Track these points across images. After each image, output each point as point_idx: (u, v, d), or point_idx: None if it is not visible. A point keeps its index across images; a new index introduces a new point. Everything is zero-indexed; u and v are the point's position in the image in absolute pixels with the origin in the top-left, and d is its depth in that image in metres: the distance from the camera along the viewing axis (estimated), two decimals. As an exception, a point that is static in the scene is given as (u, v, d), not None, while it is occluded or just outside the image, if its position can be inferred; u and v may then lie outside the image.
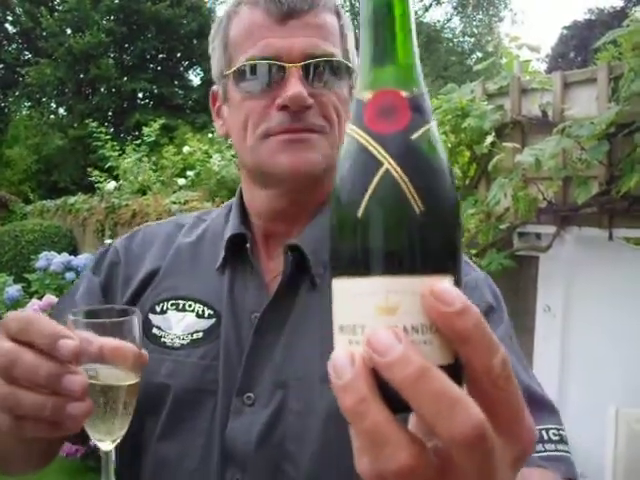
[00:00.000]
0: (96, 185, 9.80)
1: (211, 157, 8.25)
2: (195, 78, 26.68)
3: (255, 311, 0.94)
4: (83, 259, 7.10)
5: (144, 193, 8.88)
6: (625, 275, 2.99)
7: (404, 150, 0.45)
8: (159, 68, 25.38)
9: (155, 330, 0.96)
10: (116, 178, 9.52)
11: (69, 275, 6.62)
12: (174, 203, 7.53)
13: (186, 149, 9.23)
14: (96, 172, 9.71)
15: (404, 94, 0.47)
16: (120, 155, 9.61)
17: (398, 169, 0.45)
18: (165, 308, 0.97)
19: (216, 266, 0.99)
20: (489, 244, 3.28)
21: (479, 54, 21.22)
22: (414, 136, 0.46)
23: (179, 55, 25.71)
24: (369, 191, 0.45)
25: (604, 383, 3.00)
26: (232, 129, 0.99)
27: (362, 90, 0.48)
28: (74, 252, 9.30)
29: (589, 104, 3.06)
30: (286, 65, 0.90)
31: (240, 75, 0.93)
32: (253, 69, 0.91)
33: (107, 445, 0.75)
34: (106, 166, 9.86)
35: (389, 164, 0.45)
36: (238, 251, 0.99)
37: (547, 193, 3.05)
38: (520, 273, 3.25)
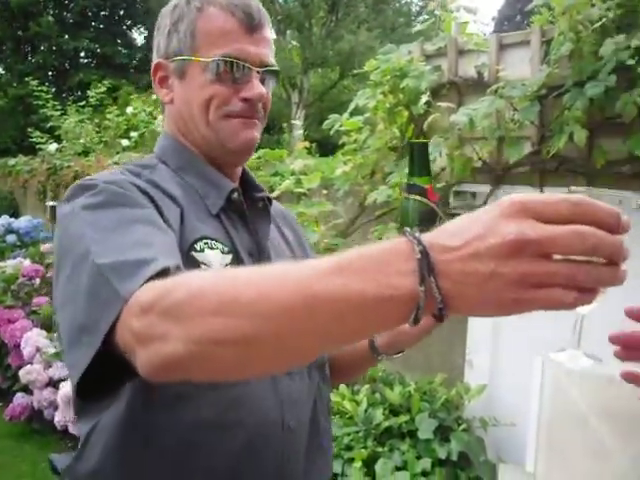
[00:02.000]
0: (37, 146, 9.59)
1: (155, 118, 8.16)
2: (139, 37, 26.14)
3: (249, 247, 1.20)
4: (24, 221, 7.00)
5: (87, 154, 8.75)
6: None
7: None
8: (101, 26, 24.75)
9: (203, 267, 1.08)
10: (58, 139, 9.33)
11: (10, 238, 6.53)
12: (117, 164, 7.45)
13: (129, 110, 9.09)
14: (37, 133, 9.49)
15: (433, 186, 1.09)
16: (62, 115, 9.41)
17: (439, 212, 1.07)
18: (202, 247, 1.11)
19: (213, 212, 1.18)
20: (426, 203, 3.36)
21: (426, 16, 21.16)
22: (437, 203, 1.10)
23: (122, 13, 25.10)
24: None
25: (534, 334, 3.13)
26: (187, 102, 1.22)
27: (421, 181, 1.08)
28: (15, 215, 9.14)
29: (523, 66, 3.13)
30: (252, 68, 1.18)
31: (213, 65, 1.17)
32: (227, 64, 1.17)
33: None
34: (47, 126, 9.66)
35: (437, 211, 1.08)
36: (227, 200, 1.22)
37: (481, 153, 3.14)
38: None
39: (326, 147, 4.44)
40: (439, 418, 3.19)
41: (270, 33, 1.24)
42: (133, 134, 8.49)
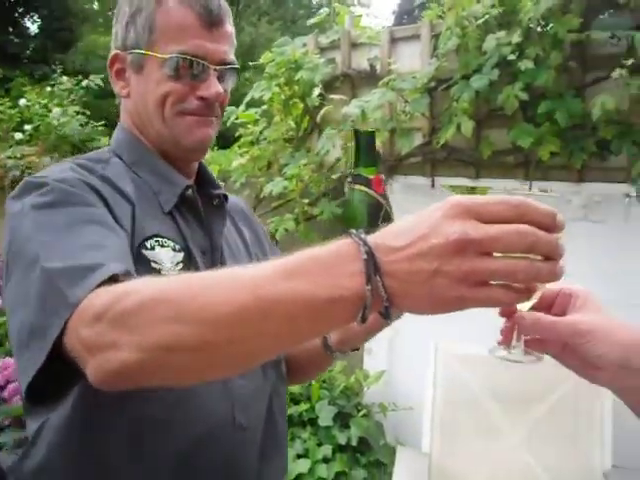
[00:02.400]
0: None
1: (51, 111, 7.89)
2: (32, 26, 25.13)
3: (202, 244, 1.19)
4: None
5: (-23, 148, 8.37)
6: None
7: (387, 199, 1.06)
8: (-9, 14, 23.67)
9: (154, 264, 1.07)
10: (-56, 132, 8.88)
11: None
12: (9, 158, 7.16)
13: (23, 102, 8.75)
14: None
15: (381, 177, 1.05)
16: (-51, 106, 8.96)
17: (385, 204, 1.04)
18: (152, 245, 1.09)
19: (165, 209, 1.16)
20: (322, 193, 3.41)
21: (326, 9, 21.23)
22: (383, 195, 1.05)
23: (13, 0, 24.08)
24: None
25: (430, 321, 3.23)
26: (143, 97, 1.19)
27: (366, 172, 1.04)
28: None
29: (414, 59, 3.21)
30: (210, 66, 1.16)
31: (170, 62, 1.14)
32: (185, 61, 1.14)
33: None
34: None
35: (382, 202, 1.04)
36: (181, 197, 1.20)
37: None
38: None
39: (226, 139, 4.40)
40: (339, 405, 3.25)
41: (231, 28, 1.20)
42: (27, 127, 8.17)
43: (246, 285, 0.72)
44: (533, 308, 0.81)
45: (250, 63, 4.02)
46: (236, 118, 3.72)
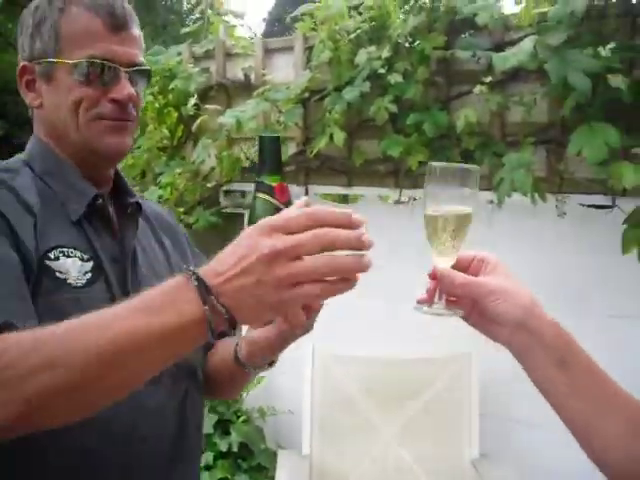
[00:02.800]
0: None
1: None
2: None
3: (113, 253, 1.20)
4: None
5: None
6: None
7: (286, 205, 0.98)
8: None
9: (59, 274, 1.08)
10: None
11: None
12: None
13: None
14: None
15: (285, 185, 1.01)
16: None
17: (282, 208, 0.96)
18: (56, 255, 1.09)
19: (73, 219, 1.16)
20: (197, 202, 3.42)
21: (198, 15, 21.06)
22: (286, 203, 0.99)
23: None
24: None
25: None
26: (56, 106, 1.19)
27: (269, 180, 1.00)
28: None
29: (288, 70, 3.29)
30: (121, 69, 1.17)
31: (79, 67, 1.15)
32: (94, 65, 1.15)
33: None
34: None
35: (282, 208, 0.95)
36: (89, 207, 1.19)
37: (249, 153, 3.25)
38: (227, 229, 3.42)
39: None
40: (218, 412, 3.27)
41: (138, 31, 1.22)
42: None
43: (107, 326, 0.80)
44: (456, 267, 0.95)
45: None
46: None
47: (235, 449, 3.12)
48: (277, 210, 0.96)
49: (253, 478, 3.14)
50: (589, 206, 2.75)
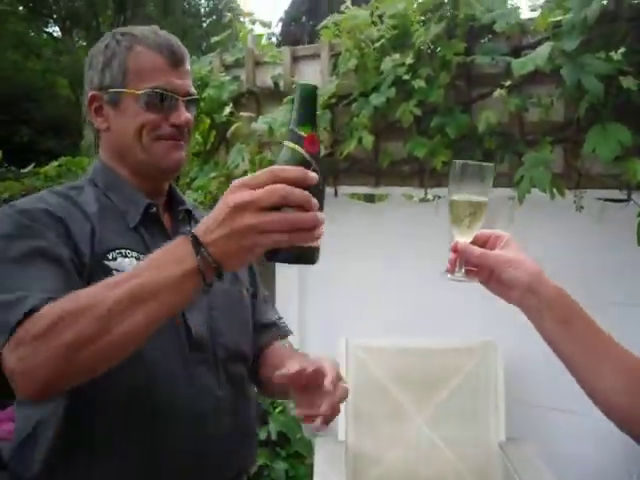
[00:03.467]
0: None
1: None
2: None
3: None
4: None
5: None
6: (350, 224, 3.45)
7: (317, 158, 1.00)
8: None
9: (115, 272, 1.26)
10: None
11: None
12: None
13: None
14: None
15: (316, 136, 1.01)
16: None
17: (313, 163, 0.99)
18: (114, 256, 1.30)
19: (131, 225, 1.37)
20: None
21: (214, 17, 21.33)
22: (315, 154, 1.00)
23: None
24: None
25: (338, 316, 3.48)
26: (122, 128, 1.40)
27: (300, 130, 1.00)
28: None
29: (315, 77, 3.45)
30: (179, 98, 1.39)
31: (145, 96, 1.36)
32: (158, 95, 1.37)
33: None
34: None
35: (310, 161, 0.99)
36: (145, 214, 1.40)
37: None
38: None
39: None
40: (257, 404, 3.44)
41: (189, 66, 1.45)
42: None
43: (122, 282, 1.02)
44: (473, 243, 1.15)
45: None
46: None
47: (274, 438, 3.30)
48: (304, 160, 0.99)
49: (291, 465, 3.30)
50: (606, 200, 2.90)
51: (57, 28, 22.85)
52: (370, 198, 3.93)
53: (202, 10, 25.67)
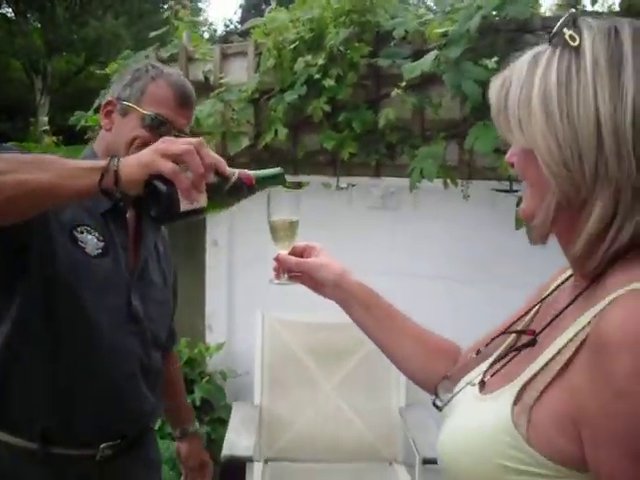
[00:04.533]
0: None
1: None
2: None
3: (123, 242, 1.69)
4: None
5: None
6: (276, 210, 3.73)
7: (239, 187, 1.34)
8: None
9: (80, 243, 1.58)
10: None
11: None
12: None
13: None
14: None
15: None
16: None
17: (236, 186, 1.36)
18: (82, 230, 1.59)
19: (99, 211, 1.64)
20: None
21: (172, 2, 21.19)
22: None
23: None
24: None
25: (258, 296, 3.77)
26: (120, 134, 1.67)
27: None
28: None
29: (241, 73, 3.74)
30: (172, 129, 1.64)
31: (149, 118, 1.63)
32: (157, 120, 1.63)
33: None
34: None
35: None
36: (113, 206, 1.65)
37: (209, 146, 3.68)
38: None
39: (75, 135, 4.67)
40: (184, 373, 3.72)
41: (193, 111, 1.75)
42: None
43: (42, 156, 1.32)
44: (292, 254, 1.41)
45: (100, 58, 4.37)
46: (85, 121, 4.09)
47: (198, 404, 3.59)
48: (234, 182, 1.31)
49: (214, 429, 3.60)
50: (495, 190, 3.25)
51: (10, 10, 22.60)
52: (299, 186, 4.23)
53: (159, -5, 25.64)
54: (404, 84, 2.95)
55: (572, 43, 0.93)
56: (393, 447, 3.33)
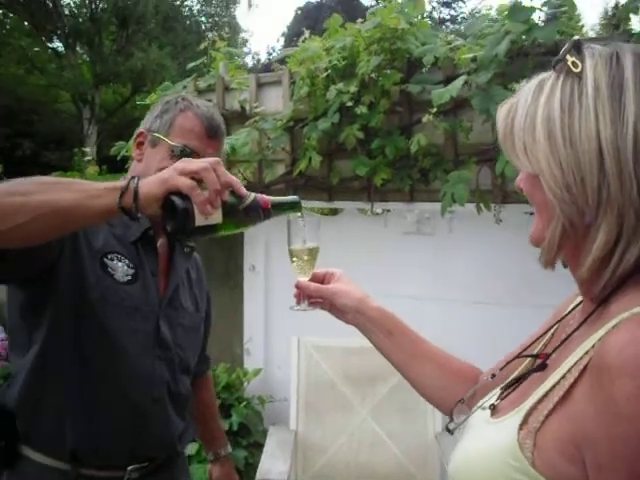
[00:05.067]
0: None
1: None
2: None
3: (153, 268, 1.74)
4: None
5: None
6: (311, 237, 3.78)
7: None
8: None
9: (110, 270, 1.63)
10: None
11: None
12: None
13: None
14: None
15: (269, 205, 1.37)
16: None
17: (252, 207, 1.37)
18: (112, 257, 1.65)
19: (130, 240, 1.70)
20: (201, 217, 3.92)
21: (215, 33, 21.65)
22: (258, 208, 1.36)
23: None
24: None
25: (296, 323, 3.80)
26: (150, 164, 1.69)
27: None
28: None
29: (277, 101, 3.81)
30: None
31: (177, 149, 1.67)
32: (186, 151, 1.66)
33: None
34: None
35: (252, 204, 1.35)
36: (143, 234, 1.72)
37: (246, 173, 3.77)
38: (230, 239, 3.93)
39: (119, 164, 4.79)
40: (222, 398, 3.77)
41: (222, 142, 1.78)
42: None
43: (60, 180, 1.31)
44: (313, 280, 1.43)
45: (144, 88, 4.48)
46: (126, 151, 4.20)
47: (235, 428, 3.62)
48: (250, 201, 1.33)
49: (251, 454, 3.63)
50: (528, 214, 3.24)
51: (60, 44, 23.32)
52: (334, 212, 4.28)
53: (203, 26, 26.16)
54: (435, 110, 2.97)
55: (574, 69, 0.95)
56: (429, 472, 3.31)
